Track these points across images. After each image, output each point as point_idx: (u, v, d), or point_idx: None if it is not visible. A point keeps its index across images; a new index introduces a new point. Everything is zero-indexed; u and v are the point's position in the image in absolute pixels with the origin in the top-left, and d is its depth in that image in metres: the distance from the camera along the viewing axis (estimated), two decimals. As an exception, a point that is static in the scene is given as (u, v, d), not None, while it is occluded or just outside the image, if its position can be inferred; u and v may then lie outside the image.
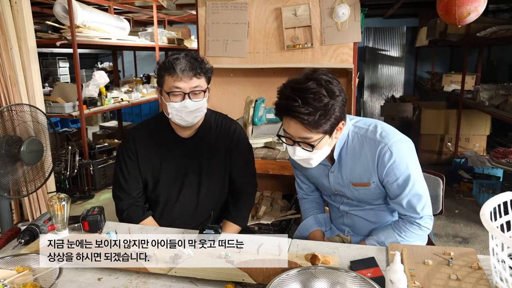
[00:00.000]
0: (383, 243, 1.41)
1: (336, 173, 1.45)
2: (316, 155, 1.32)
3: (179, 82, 1.48)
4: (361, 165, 1.39)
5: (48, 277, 1.08)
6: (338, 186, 1.48)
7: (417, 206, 1.38)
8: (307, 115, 1.20)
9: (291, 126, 1.27)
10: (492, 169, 4.02)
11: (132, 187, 1.67)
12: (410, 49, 7.58)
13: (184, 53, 1.53)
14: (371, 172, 1.38)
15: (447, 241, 3.11)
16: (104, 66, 9.31)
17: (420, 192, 1.37)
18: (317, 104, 1.20)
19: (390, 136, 1.35)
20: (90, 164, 4.02)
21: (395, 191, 1.38)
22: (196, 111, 1.54)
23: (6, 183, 2.25)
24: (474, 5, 2.28)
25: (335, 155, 1.41)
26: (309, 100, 1.20)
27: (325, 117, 1.22)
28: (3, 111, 2.26)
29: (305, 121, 1.21)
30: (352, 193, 1.47)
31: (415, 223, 1.39)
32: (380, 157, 1.34)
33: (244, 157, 1.73)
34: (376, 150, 1.35)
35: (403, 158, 1.34)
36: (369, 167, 1.38)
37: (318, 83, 1.22)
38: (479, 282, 1.09)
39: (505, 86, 4.28)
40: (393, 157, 1.33)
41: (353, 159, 1.40)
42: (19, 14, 2.87)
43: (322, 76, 1.25)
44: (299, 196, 1.72)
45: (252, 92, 2.76)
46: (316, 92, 1.20)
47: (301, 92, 1.21)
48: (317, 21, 2.62)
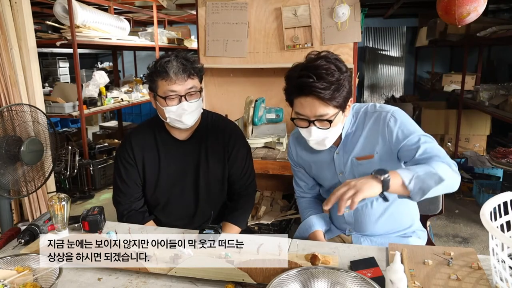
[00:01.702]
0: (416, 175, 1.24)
1: (341, 154, 1.48)
2: (331, 133, 1.36)
3: (174, 85, 1.47)
4: (363, 138, 1.43)
5: (48, 277, 1.08)
6: (343, 167, 1.49)
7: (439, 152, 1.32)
8: (323, 89, 1.25)
9: (307, 103, 1.30)
10: (492, 169, 4.02)
11: (132, 191, 1.66)
12: (410, 49, 7.59)
13: (174, 54, 1.50)
14: (374, 143, 1.41)
15: (447, 241, 3.11)
16: (104, 66, 9.32)
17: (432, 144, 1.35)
18: (330, 78, 1.26)
19: (388, 107, 1.43)
20: (90, 164, 4.02)
21: (411, 149, 1.34)
22: (194, 112, 1.54)
23: (6, 183, 2.25)
24: (473, 5, 2.28)
25: (343, 134, 1.45)
26: (323, 75, 1.26)
27: (338, 91, 1.28)
28: (3, 111, 2.26)
29: (322, 95, 1.26)
30: (357, 170, 1.46)
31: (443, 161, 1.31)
32: (386, 123, 1.39)
33: (243, 158, 1.72)
34: (380, 119, 1.40)
35: (407, 119, 1.41)
36: (373, 138, 1.41)
37: (327, 60, 1.29)
38: (479, 282, 1.09)
39: (505, 86, 4.28)
40: (398, 120, 1.38)
41: (355, 135, 1.45)
42: (19, 14, 2.88)
43: (329, 55, 1.32)
44: (296, 194, 1.72)
45: (252, 92, 2.76)
46: (328, 68, 1.27)
47: (314, 69, 1.27)
48: (317, 21, 2.62)
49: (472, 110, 4.64)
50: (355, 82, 2.68)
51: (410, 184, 1.22)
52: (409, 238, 1.53)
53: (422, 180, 1.22)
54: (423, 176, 1.23)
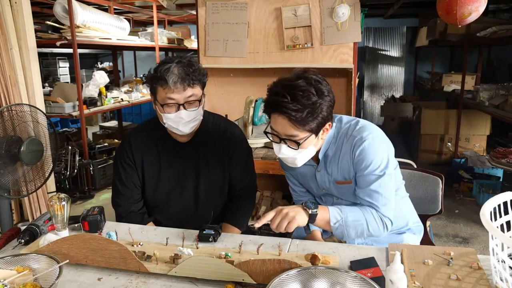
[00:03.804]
0: (344, 220, 1.34)
1: (323, 172, 1.47)
2: (301, 155, 1.33)
3: (172, 94, 1.44)
4: (341, 162, 1.41)
5: (48, 277, 1.08)
6: (325, 184, 1.49)
7: (378, 201, 1.36)
8: (295, 111, 1.23)
9: (279, 122, 1.28)
10: (492, 169, 4.02)
11: (131, 193, 1.65)
12: (410, 49, 7.58)
13: (176, 60, 1.46)
14: (349, 168, 1.40)
15: (447, 241, 3.11)
16: (104, 66, 9.31)
17: (380, 190, 1.35)
18: (306, 101, 1.23)
19: (366, 132, 1.36)
20: (90, 164, 4.02)
21: (363, 183, 1.37)
22: (192, 121, 1.51)
23: (6, 183, 2.25)
24: (475, 5, 2.28)
25: (320, 156, 1.43)
26: (298, 97, 1.23)
27: (312, 115, 1.25)
28: (3, 111, 2.26)
29: (293, 117, 1.23)
30: (338, 191, 1.48)
31: (378, 211, 1.36)
32: (354, 149, 1.36)
33: (244, 160, 1.71)
34: (352, 144, 1.37)
35: (376, 151, 1.35)
36: (348, 163, 1.39)
37: (307, 81, 1.26)
38: (479, 282, 1.09)
39: (505, 86, 4.28)
40: (365, 150, 1.34)
41: (335, 158, 1.42)
42: (19, 14, 2.88)
43: (312, 76, 1.28)
44: (294, 198, 1.73)
45: (252, 92, 2.76)
46: (305, 90, 1.24)
47: (290, 89, 1.24)
48: (317, 21, 2.62)
49: (472, 110, 4.64)
50: (355, 82, 2.68)
51: (335, 225, 1.34)
52: (403, 235, 1.54)
53: (347, 225, 1.34)
54: (350, 223, 1.35)
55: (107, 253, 1.19)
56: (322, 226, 1.38)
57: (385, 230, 1.38)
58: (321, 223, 1.34)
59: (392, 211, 1.39)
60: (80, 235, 1.22)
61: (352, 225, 1.35)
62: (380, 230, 1.37)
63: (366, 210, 1.37)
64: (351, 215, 1.35)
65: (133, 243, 1.33)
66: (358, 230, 1.36)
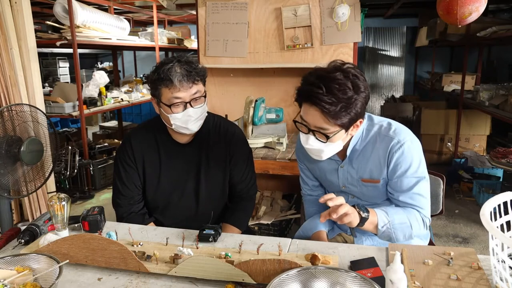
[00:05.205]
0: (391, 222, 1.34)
1: (346, 169, 1.45)
2: (328, 148, 1.31)
3: (179, 93, 1.43)
4: (372, 161, 1.40)
5: (48, 277, 1.08)
6: (346, 182, 1.48)
7: (420, 203, 1.39)
8: (329, 104, 1.19)
9: (310, 113, 1.25)
10: (492, 169, 4.02)
11: (132, 193, 1.64)
12: (410, 49, 7.59)
13: (176, 58, 1.46)
14: (381, 168, 1.39)
15: (447, 241, 3.11)
16: (104, 66, 9.33)
17: (422, 192, 1.39)
18: (341, 95, 1.19)
19: (403, 135, 1.37)
20: (90, 164, 4.02)
21: (402, 185, 1.37)
22: (199, 118, 1.52)
23: (6, 183, 2.25)
24: (475, 5, 2.28)
25: (348, 152, 1.41)
26: (333, 90, 1.19)
27: (346, 110, 1.21)
28: (3, 111, 2.26)
29: (326, 110, 1.20)
30: (360, 189, 1.46)
31: (421, 213, 1.39)
32: (391, 152, 1.35)
33: (244, 161, 1.71)
34: (389, 145, 1.36)
35: (414, 156, 1.36)
36: (380, 163, 1.38)
37: (345, 75, 1.21)
38: (479, 282, 1.08)
39: (505, 86, 4.28)
40: (404, 154, 1.35)
41: (364, 155, 1.41)
42: (19, 14, 2.87)
43: (351, 69, 1.24)
44: (303, 192, 1.70)
45: (252, 92, 2.76)
46: (342, 83, 1.20)
47: (327, 81, 1.20)
48: (317, 21, 2.62)
49: (472, 110, 4.65)
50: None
51: (382, 228, 1.32)
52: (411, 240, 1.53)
53: (394, 228, 1.33)
54: (397, 226, 1.33)
55: (107, 253, 1.19)
56: (369, 229, 1.34)
57: (425, 229, 1.41)
58: (370, 227, 1.32)
59: (429, 209, 1.42)
60: (80, 235, 1.22)
61: (399, 228, 1.34)
62: (421, 231, 1.39)
63: (409, 212, 1.37)
64: (397, 217, 1.34)
65: (133, 243, 1.33)
66: (406, 233, 1.35)
